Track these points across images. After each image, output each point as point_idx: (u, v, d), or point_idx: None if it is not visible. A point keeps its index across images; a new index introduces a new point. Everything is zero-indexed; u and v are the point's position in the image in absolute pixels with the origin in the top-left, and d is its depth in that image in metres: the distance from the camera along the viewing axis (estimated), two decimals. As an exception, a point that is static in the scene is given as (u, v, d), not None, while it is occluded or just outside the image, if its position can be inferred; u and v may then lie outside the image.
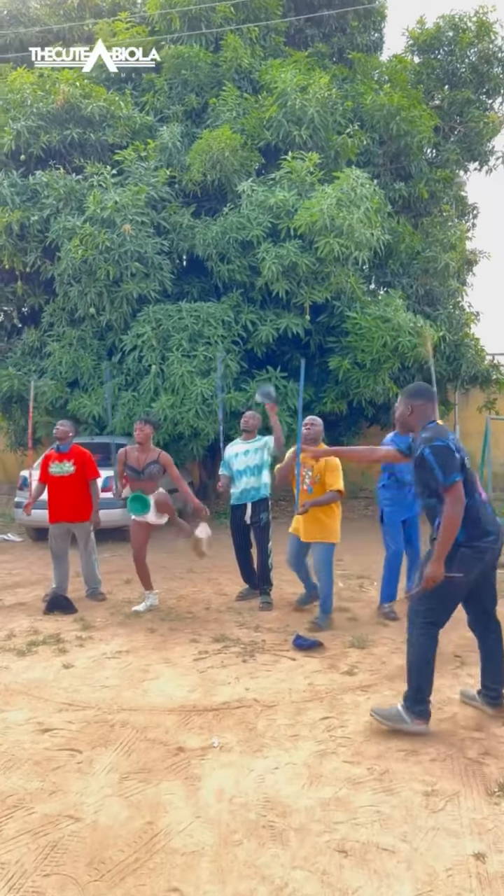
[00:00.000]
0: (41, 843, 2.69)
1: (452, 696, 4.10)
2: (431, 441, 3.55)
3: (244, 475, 6.20)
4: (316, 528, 5.55)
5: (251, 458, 6.20)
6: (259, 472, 6.18)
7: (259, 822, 2.81)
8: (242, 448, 6.28)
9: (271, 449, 6.16)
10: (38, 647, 5.12)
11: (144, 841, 2.70)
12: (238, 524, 6.34)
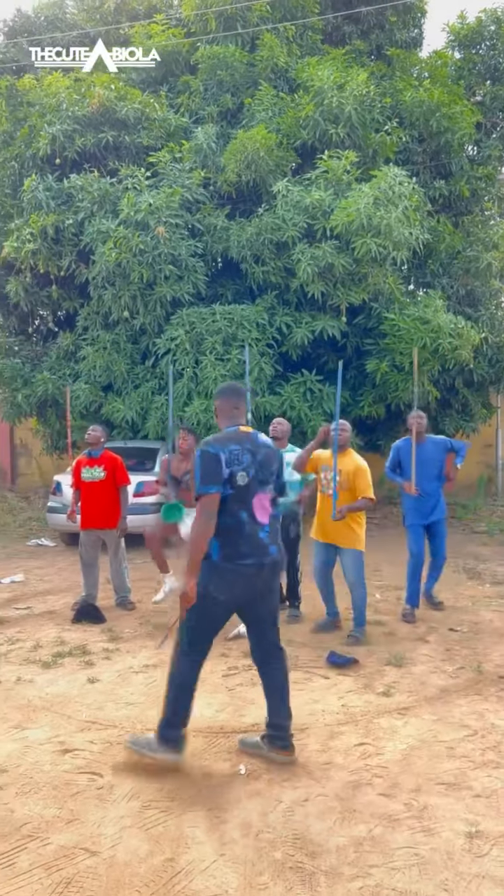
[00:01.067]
0: (55, 879, 2.54)
1: (497, 723, 3.84)
2: (205, 445, 3.35)
3: None
4: (344, 533, 5.39)
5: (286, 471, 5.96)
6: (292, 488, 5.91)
7: (286, 863, 2.62)
8: None
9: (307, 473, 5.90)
10: (64, 658, 4.99)
11: (164, 881, 2.52)
12: None
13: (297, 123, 10.92)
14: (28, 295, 11.45)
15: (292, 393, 10.26)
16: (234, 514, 3.36)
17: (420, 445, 6.02)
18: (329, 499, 5.40)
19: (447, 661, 4.86)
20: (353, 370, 11.12)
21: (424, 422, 6.10)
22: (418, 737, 3.66)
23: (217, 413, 3.61)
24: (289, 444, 6.10)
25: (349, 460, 5.40)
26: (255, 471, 3.41)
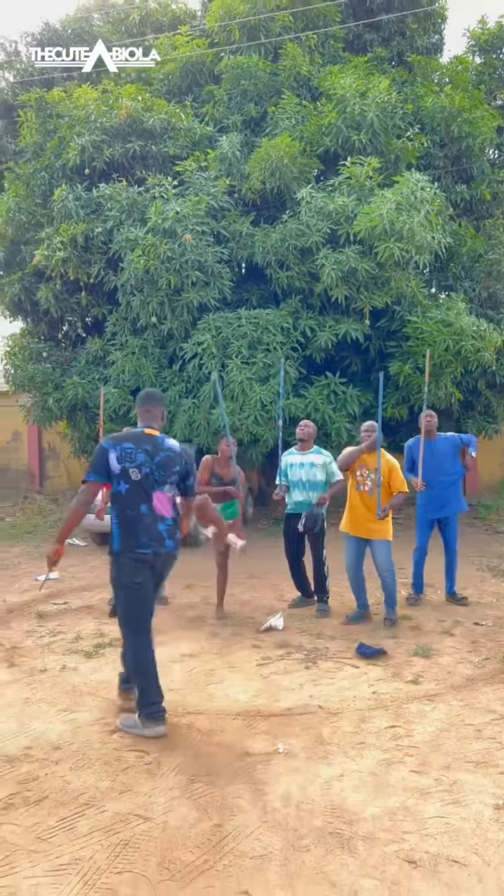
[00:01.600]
0: (113, 841, 2.76)
1: (522, 708, 4.01)
2: (102, 440, 3.90)
3: (299, 487, 6.20)
4: (374, 526, 5.73)
5: (307, 473, 6.17)
6: (316, 489, 6.13)
7: (326, 829, 2.82)
8: (298, 459, 6.27)
9: (332, 473, 6.13)
10: (105, 649, 5.23)
11: (213, 843, 2.74)
12: (292, 533, 6.32)
13: (320, 131, 11.13)
14: (58, 302, 11.76)
15: (316, 395, 10.45)
16: (135, 507, 3.79)
17: (431, 443, 6.29)
18: (362, 495, 5.75)
19: (473, 653, 5.03)
20: (376, 373, 11.26)
21: (434, 420, 6.35)
22: (446, 720, 3.84)
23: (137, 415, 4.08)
24: (314, 446, 6.30)
25: (383, 460, 5.75)
26: (151, 469, 3.82)
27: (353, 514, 5.86)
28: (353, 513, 5.85)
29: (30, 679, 4.60)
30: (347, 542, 5.94)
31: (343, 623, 5.88)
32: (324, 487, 6.14)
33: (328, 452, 6.32)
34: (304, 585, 6.48)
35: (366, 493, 5.77)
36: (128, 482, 3.75)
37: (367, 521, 5.75)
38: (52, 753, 3.52)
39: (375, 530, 5.75)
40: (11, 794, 3.12)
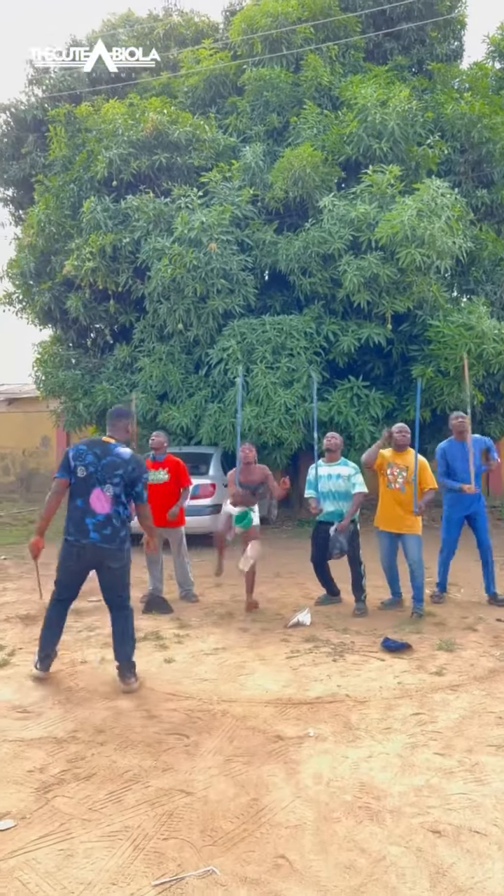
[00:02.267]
0: (159, 812, 2.99)
1: (542, 698, 4.18)
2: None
3: (329, 498, 6.36)
4: (407, 520, 6.11)
5: (336, 484, 6.33)
6: (344, 499, 6.32)
7: (355, 803, 3.03)
8: (326, 471, 6.43)
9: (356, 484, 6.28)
10: (140, 642, 5.46)
11: (251, 814, 2.96)
12: (321, 539, 6.50)
13: (342, 140, 11.36)
14: (87, 310, 12.11)
15: (339, 399, 10.66)
16: (75, 500, 4.44)
17: (463, 444, 6.43)
18: (394, 492, 6.14)
19: (495, 647, 5.20)
20: (398, 376, 11.48)
21: (466, 422, 6.50)
22: (469, 708, 4.03)
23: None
24: (341, 458, 6.47)
25: (412, 459, 6.12)
26: (96, 469, 4.41)
27: (385, 511, 6.23)
28: (385, 509, 6.23)
29: (71, 670, 4.86)
30: (381, 538, 6.37)
31: (378, 608, 6.38)
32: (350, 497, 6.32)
33: (354, 464, 6.47)
34: (329, 584, 6.68)
35: (397, 490, 6.13)
36: (75, 478, 4.43)
37: (398, 516, 6.14)
38: (97, 736, 3.77)
39: (406, 525, 6.13)
40: (63, 771, 3.37)
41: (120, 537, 4.47)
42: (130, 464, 4.45)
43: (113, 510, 4.42)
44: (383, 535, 6.35)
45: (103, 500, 4.40)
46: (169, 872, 2.57)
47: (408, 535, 6.18)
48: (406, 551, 6.19)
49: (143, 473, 4.53)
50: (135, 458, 4.52)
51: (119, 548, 4.49)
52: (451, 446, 6.55)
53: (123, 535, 4.50)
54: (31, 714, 4.09)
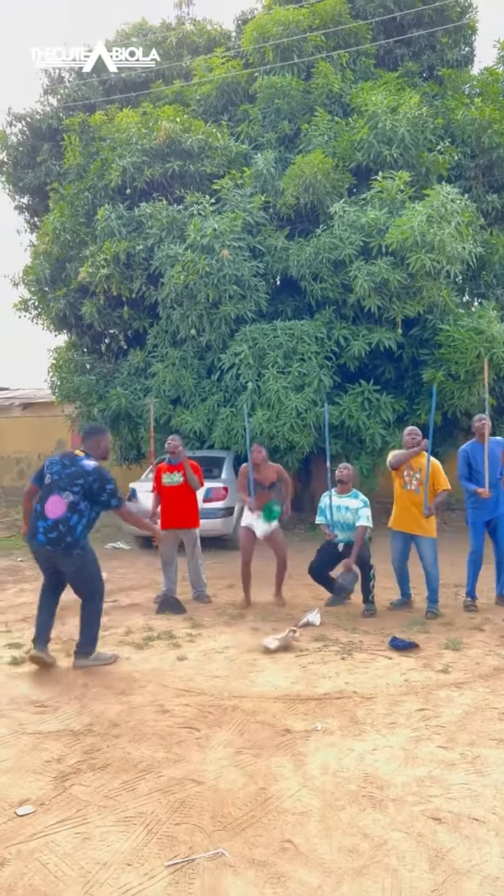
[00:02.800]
0: (171, 800, 3.13)
1: (545, 695, 4.27)
2: None
3: (338, 527, 6.52)
4: (420, 524, 6.26)
5: (345, 516, 6.49)
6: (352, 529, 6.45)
7: (360, 793, 3.15)
8: (337, 502, 6.56)
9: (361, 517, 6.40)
10: (154, 641, 5.63)
11: (259, 802, 3.09)
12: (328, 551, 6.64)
13: (352, 146, 11.49)
14: (101, 316, 12.32)
15: (350, 403, 10.77)
16: (37, 504, 4.83)
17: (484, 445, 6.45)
18: (409, 494, 6.27)
19: (501, 646, 5.29)
20: (409, 380, 11.57)
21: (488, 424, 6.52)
22: (473, 704, 4.14)
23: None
24: (353, 490, 6.60)
25: (425, 460, 6.27)
26: (60, 477, 4.77)
27: (400, 512, 6.36)
28: (400, 510, 6.36)
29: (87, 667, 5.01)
30: (394, 538, 6.49)
31: (388, 608, 6.51)
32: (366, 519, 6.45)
33: (364, 497, 6.58)
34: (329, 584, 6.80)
35: (412, 491, 6.27)
36: (42, 484, 4.85)
37: (413, 518, 6.27)
38: (111, 729, 3.91)
39: (421, 527, 6.27)
40: (79, 762, 3.51)
41: (66, 542, 4.71)
42: (91, 475, 4.77)
43: (63, 516, 4.71)
44: (397, 536, 6.48)
45: (58, 505, 4.72)
46: (181, 854, 2.70)
47: (422, 538, 6.31)
48: (420, 553, 6.32)
49: (106, 484, 4.79)
50: (97, 470, 4.81)
51: (66, 552, 4.75)
52: (474, 448, 6.54)
53: (70, 541, 4.72)
54: (49, 708, 4.25)
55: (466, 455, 6.55)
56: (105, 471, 4.85)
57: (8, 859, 2.70)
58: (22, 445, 19.56)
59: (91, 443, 5.01)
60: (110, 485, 4.81)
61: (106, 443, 5.10)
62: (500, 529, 6.56)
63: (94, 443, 5.01)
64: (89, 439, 5.03)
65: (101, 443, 5.05)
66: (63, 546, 4.73)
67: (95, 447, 5.01)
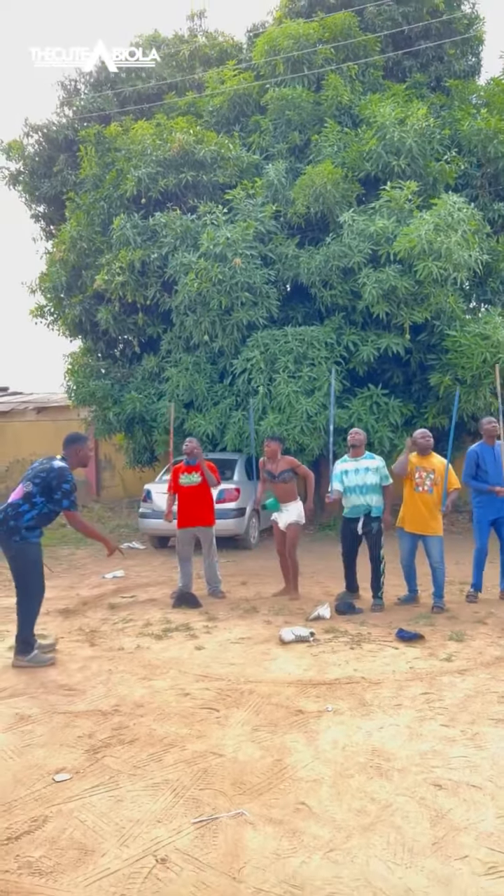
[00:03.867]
0: (195, 769, 3.42)
1: (543, 681, 4.54)
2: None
3: (355, 492, 6.74)
4: (428, 523, 6.52)
5: (362, 477, 6.72)
6: (371, 492, 6.71)
7: (368, 764, 3.43)
8: (352, 466, 6.82)
9: (385, 476, 6.74)
10: (172, 633, 5.93)
11: (275, 771, 3.37)
12: (349, 534, 6.92)
13: (361, 156, 11.78)
14: (116, 322, 12.65)
15: (359, 406, 11.05)
16: None
17: (493, 448, 6.75)
18: (421, 495, 6.52)
19: (503, 637, 5.55)
20: (417, 384, 11.84)
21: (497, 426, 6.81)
22: (474, 689, 4.41)
23: None
24: (366, 452, 6.89)
25: (437, 461, 6.57)
26: (30, 471, 5.16)
27: (411, 513, 6.60)
28: (410, 512, 6.60)
29: (110, 655, 5.32)
30: (403, 538, 6.75)
31: (395, 603, 6.79)
32: (376, 490, 6.71)
33: (380, 457, 6.89)
34: (353, 580, 7.07)
35: (425, 492, 6.51)
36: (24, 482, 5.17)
37: (423, 519, 6.53)
38: (136, 710, 4.21)
39: (430, 528, 6.54)
40: (109, 737, 3.81)
41: (8, 526, 5.00)
42: (52, 472, 5.06)
43: (16, 501, 5.03)
44: (406, 536, 6.72)
45: (18, 492, 5.08)
46: (205, 814, 3.00)
47: (430, 537, 6.59)
48: (428, 552, 6.59)
49: (63, 483, 5.03)
50: (60, 469, 5.09)
51: (6, 535, 5.03)
52: (483, 450, 6.84)
53: (12, 526, 4.99)
54: (77, 692, 4.55)
55: (476, 456, 6.83)
56: (68, 473, 5.13)
57: (49, 817, 3.01)
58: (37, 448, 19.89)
59: (69, 450, 5.27)
60: (66, 485, 5.07)
61: (84, 451, 5.34)
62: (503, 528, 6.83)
63: (71, 450, 5.27)
64: (67, 447, 5.29)
65: (79, 451, 5.29)
66: (5, 528, 5.02)
67: (73, 454, 5.26)
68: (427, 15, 13.98)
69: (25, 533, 5.04)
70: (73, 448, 5.29)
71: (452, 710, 4.07)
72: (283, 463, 7.14)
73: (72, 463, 5.25)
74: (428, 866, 2.58)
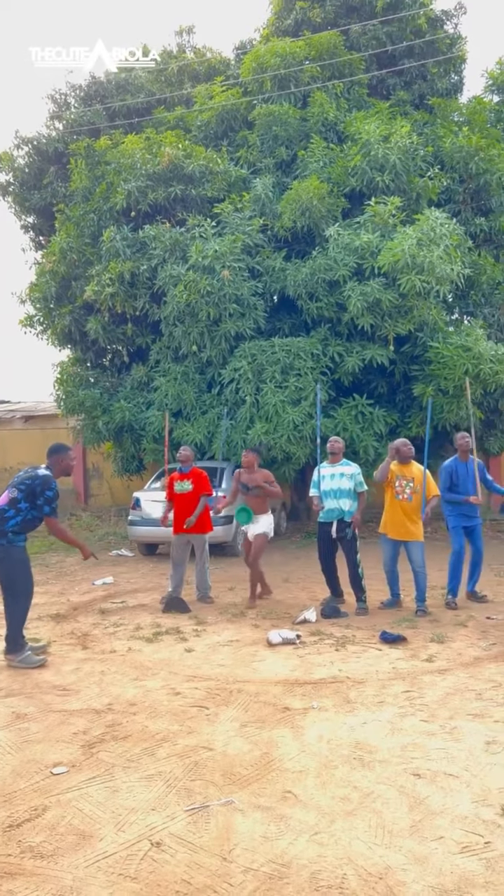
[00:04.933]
0: (186, 762, 3.58)
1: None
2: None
3: (330, 496, 6.97)
4: (412, 529, 6.78)
5: (337, 482, 6.97)
6: (345, 496, 6.94)
7: (351, 756, 3.61)
8: (329, 471, 7.06)
9: (360, 483, 6.96)
10: (163, 636, 6.08)
11: (263, 763, 3.54)
12: (324, 539, 7.12)
13: (346, 172, 12.07)
14: (106, 332, 12.82)
15: (345, 416, 11.28)
16: None
17: (466, 463, 7.05)
18: (402, 503, 6.77)
19: (482, 640, 5.76)
20: (401, 394, 12.09)
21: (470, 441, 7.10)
22: (453, 687, 4.60)
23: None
24: (343, 459, 7.12)
25: (416, 470, 6.82)
26: (16, 478, 5.37)
27: (391, 520, 6.86)
28: (391, 519, 6.86)
29: (103, 657, 5.47)
30: (385, 544, 7.01)
31: (379, 608, 6.98)
32: (350, 495, 6.92)
33: (356, 464, 7.12)
34: (334, 584, 7.26)
35: (405, 500, 6.77)
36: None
37: (404, 525, 6.79)
38: (129, 708, 4.36)
39: (412, 533, 6.79)
40: (103, 733, 3.97)
41: None
42: (37, 479, 5.30)
43: (2, 507, 5.27)
44: (388, 542, 6.98)
45: (2, 499, 5.32)
46: (197, 802, 3.16)
47: (412, 543, 6.85)
48: (410, 557, 6.83)
49: (46, 490, 5.26)
50: (43, 477, 5.31)
51: None
52: (457, 465, 7.13)
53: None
54: (71, 692, 4.70)
55: (451, 472, 7.14)
56: (51, 481, 5.34)
57: (49, 806, 3.16)
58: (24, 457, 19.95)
59: (52, 459, 5.51)
60: (49, 493, 5.29)
61: (67, 461, 5.58)
62: (475, 534, 7.14)
63: (55, 460, 5.51)
64: (51, 456, 5.52)
65: (62, 461, 5.52)
66: None
67: (57, 464, 5.51)
68: (411, 35, 14.35)
69: (12, 536, 5.27)
70: (55, 458, 5.52)
71: (432, 707, 4.26)
72: (258, 476, 7.30)
73: (56, 472, 5.47)
74: (406, 846, 2.77)
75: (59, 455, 5.53)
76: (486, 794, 3.17)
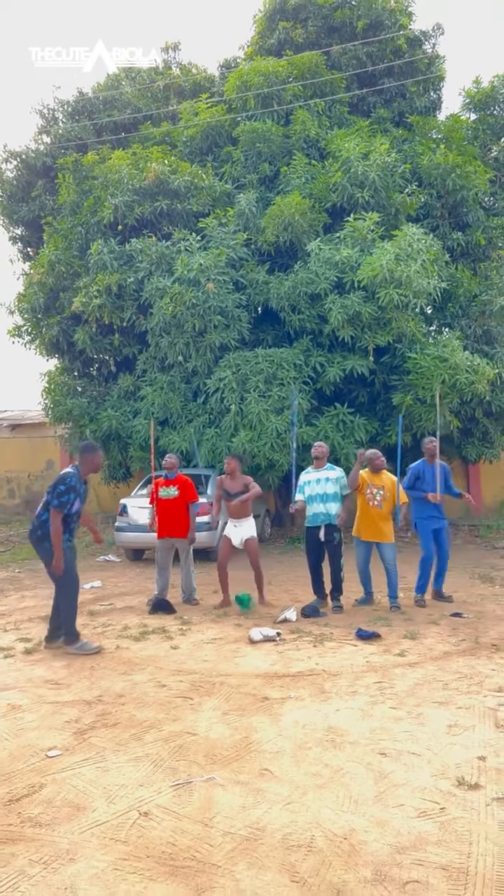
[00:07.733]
0: (171, 746, 3.87)
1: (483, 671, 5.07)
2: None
3: (316, 501, 7.29)
4: (382, 532, 7.24)
5: (322, 487, 7.29)
6: (330, 500, 7.26)
7: (324, 738, 3.91)
8: (314, 476, 7.39)
9: (344, 486, 7.28)
10: (149, 635, 6.36)
11: (243, 746, 3.84)
12: (313, 543, 7.42)
13: (328, 188, 12.47)
14: (93, 342, 13.11)
15: (326, 424, 11.62)
16: None
17: (432, 466, 7.40)
18: (372, 508, 7.22)
19: (452, 636, 6.09)
20: (381, 403, 12.46)
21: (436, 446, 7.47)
22: (422, 679, 4.92)
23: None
24: (327, 463, 7.44)
25: (387, 478, 7.26)
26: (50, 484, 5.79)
27: (364, 524, 7.31)
28: (364, 523, 7.31)
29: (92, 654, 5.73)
30: (359, 546, 7.44)
31: (353, 605, 7.39)
32: (336, 498, 7.25)
33: (340, 469, 7.44)
34: (320, 587, 7.56)
35: (375, 506, 7.20)
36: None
37: (377, 528, 7.25)
38: (118, 699, 4.64)
39: (384, 534, 7.24)
40: (93, 722, 4.25)
41: (37, 535, 5.76)
42: (57, 477, 5.77)
43: (39, 511, 5.77)
44: (361, 544, 7.42)
45: (41, 503, 5.81)
46: (181, 779, 3.45)
47: (384, 544, 7.28)
48: (383, 557, 7.25)
49: (59, 485, 5.67)
50: (62, 474, 5.78)
51: (37, 543, 5.79)
52: (424, 468, 7.49)
53: (41, 535, 5.73)
54: (62, 685, 4.97)
55: (417, 472, 7.54)
56: (67, 477, 5.73)
57: (45, 784, 3.44)
58: (12, 465, 20.19)
59: (81, 458, 5.89)
60: (62, 486, 5.67)
61: (96, 459, 5.97)
62: (441, 536, 7.48)
63: (83, 458, 5.88)
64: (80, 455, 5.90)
65: (91, 459, 5.92)
66: (35, 538, 5.78)
67: (85, 462, 5.89)
68: (390, 55, 14.82)
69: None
70: (85, 456, 5.90)
71: (401, 696, 4.57)
72: (240, 482, 7.53)
73: (84, 470, 5.88)
74: (369, 812, 3.07)
75: (88, 454, 5.89)
76: (444, 769, 3.49)
